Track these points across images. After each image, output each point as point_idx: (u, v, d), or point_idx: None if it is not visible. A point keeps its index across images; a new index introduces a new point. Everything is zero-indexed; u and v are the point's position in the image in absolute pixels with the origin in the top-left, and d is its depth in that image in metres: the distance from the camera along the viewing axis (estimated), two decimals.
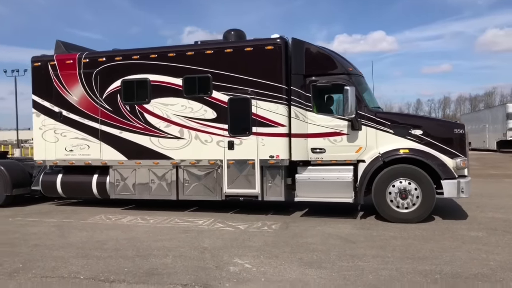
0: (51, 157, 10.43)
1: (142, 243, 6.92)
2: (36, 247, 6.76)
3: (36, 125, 10.56)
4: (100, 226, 8.39)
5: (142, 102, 9.73)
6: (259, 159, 8.95)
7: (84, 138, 10.16)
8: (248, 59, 9.04)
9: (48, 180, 10.66)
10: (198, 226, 8.25)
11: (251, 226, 8.15)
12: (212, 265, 5.69)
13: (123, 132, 9.87)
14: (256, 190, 8.99)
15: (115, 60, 9.92)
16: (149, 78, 9.65)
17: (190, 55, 9.41)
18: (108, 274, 5.37)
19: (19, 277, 5.29)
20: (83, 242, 7.08)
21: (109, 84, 9.95)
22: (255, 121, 8.96)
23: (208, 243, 6.86)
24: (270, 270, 5.48)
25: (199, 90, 9.35)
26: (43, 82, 10.43)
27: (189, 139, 9.43)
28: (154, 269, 5.56)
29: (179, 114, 9.48)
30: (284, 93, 8.85)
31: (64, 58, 10.32)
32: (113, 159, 9.96)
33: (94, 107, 10.06)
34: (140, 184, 9.82)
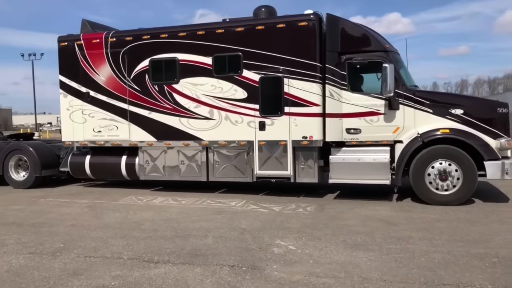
0: (79, 138, 10.37)
1: (179, 224, 6.81)
2: (73, 227, 6.70)
3: (63, 106, 10.48)
4: (132, 207, 8.32)
5: (171, 82, 9.54)
6: (291, 140, 8.73)
7: (112, 119, 10.05)
8: (280, 36, 8.74)
9: (77, 161, 10.62)
10: (231, 207, 8.12)
11: (285, 208, 7.99)
12: (254, 247, 5.55)
13: (152, 112, 9.72)
14: (288, 172, 8.80)
15: (142, 39, 9.71)
16: (177, 57, 9.43)
17: (220, 33, 9.15)
18: (151, 254, 5.27)
19: (62, 257, 5.22)
20: (119, 223, 7.00)
21: (136, 64, 9.76)
22: (288, 100, 8.71)
23: (245, 224, 6.72)
24: (316, 252, 5.31)
25: (229, 69, 9.11)
26: (70, 62, 10.30)
27: (219, 119, 9.24)
28: (197, 249, 5.44)
29: (209, 94, 9.27)
30: (318, 71, 8.56)
31: (90, 38, 10.15)
32: (142, 140, 9.85)
33: (122, 87, 9.91)
34: (170, 165, 9.71)
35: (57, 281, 4.44)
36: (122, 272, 4.67)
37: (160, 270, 4.74)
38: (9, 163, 11.01)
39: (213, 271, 4.68)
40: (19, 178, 11.05)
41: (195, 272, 4.67)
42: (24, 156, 10.92)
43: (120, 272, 4.67)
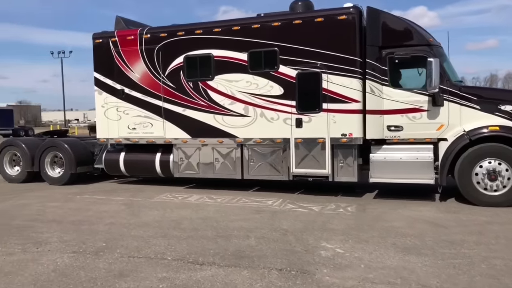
0: (114, 135, 10.38)
1: (218, 223, 6.68)
2: (112, 226, 6.66)
3: (98, 103, 10.51)
4: (169, 204, 8.25)
5: (205, 78, 9.42)
6: (329, 138, 8.47)
7: (147, 116, 10.01)
8: (318, 30, 8.48)
9: (111, 158, 10.65)
10: (268, 206, 7.95)
11: (324, 208, 7.76)
12: (300, 249, 5.36)
13: (186, 110, 9.63)
14: (326, 170, 8.55)
15: (177, 35, 9.61)
16: (212, 54, 9.29)
17: (255, 28, 8.95)
18: (195, 255, 5.14)
19: (106, 256, 5.15)
20: (157, 221, 6.92)
21: (171, 61, 9.68)
22: (326, 96, 8.45)
23: (286, 225, 6.53)
24: (366, 255, 5.07)
25: (265, 65, 8.92)
26: (105, 59, 10.31)
27: (254, 116, 9.07)
28: (241, 251, 5.29)
29: (244, 90, 9.11)
30: (358, 66, 8.27)
31: (125, 34, 10.13)
32: (176, 137, 9.78)
33: (156, 84, 9.86)
34: (204, 162, 9.61)
35: (104, 283, 4.35)
36: (168, 274, 4.56)
37: (206, 272, 4.61)
38: (45, 159, 11.14)
39: (261, 275, 4.51)
40: (55, 174, 11.18)
41: (243, 275, 4.51)
42: (59, 153, 11.02)
43: (166, 274, 4.56)
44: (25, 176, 11.45)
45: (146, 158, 10.29)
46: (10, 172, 11.70)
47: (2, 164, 11.70)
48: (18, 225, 6.82)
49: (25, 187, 10.83)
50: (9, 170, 11.73)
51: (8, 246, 5.68)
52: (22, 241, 5.88)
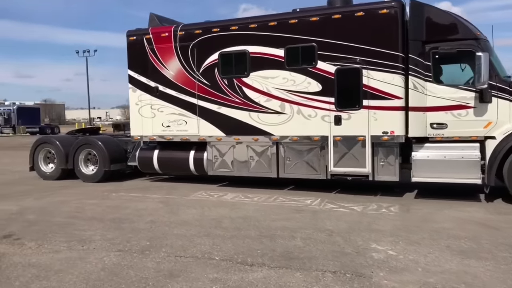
0: (148, 132, 10.37)
1: (260, 223, 6.54)
2: (153, 224, 6.60)
3: (132, 101, 10.51)
4: (206, 203, 8.15)
5: (240, 75, 9.29)
6: (370, 135, 8.23)
7: (181, 113, 9.95)
8: (358, 25, 8.24)
9: (145, 156, 10.65)
10: (308, 206, 7.76)
11: (366, 208, 7.53)
12: (350, 250, 5.17)
13: (221, 107, 9.52)
14: (366, 169, 8.31)
15: (212, 32, 9.51)
16: (248, 50, 9.15)
17: (293, 23, 8.77)
18: (243, 256, 5.01)
19: (152, 256, 5.07)
20: (197, 219, 6.83)
21: (206, 58, 9.59)
22: (366, 93, 8.21)
23: (330, 225, 6.34)
24: (421, 258, 4.85)
25: (303, 61, 8.72)
26: (139, 57, 10.30)
27: (291, 114, 8.89)
28: (289, 252, 5.13)
29: (280, 87, 8.94)
30: (400, 62, 8.00)
31: (159, 31, 10.09)
32: (211, 135, 9.69)
33: (191, 81, 9.78)
34: (238, 160, 9.48)
35: (156, 283, 4.26)
36: (219, 275, 4.44)
37: (258, 274, 4.47)
38: (79, 157, 11.22)
39: (315, 278, 4.34)
40: (88, 172, 11.24)
41: (296, 277, 4.36)
42: (93, 150, 11.08)
43: (217, 275, 4.44)
44: (59, 173, 11.56)
45: (179, 156, 10.24)
46: (45, 169, 11.83)
47: (37, 161, 11.84)
48: (59, 222, 6.84)
49: (60, 184, 10.93)
50: (44, 167, 11.86)
51: (53, 243, 5.67)
52: (66, 238, 5.87)
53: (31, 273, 4.59)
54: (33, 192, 9.69)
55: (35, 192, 9.75)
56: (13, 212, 7.63)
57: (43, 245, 5.59)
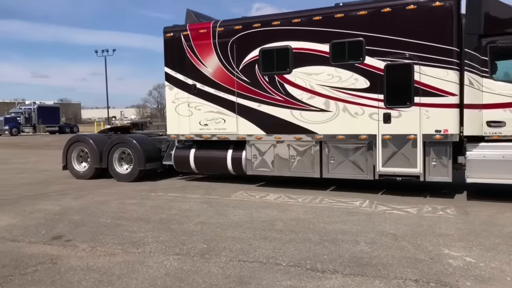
0: (185, 131, 10.16)
1: (315, 225, 6.25)
2: (203, 226, 6.35)
3: (169, 99, 10.31)
4: (250, 204, 7.89)
5: (282, 72, 9.00)
6: (421, 134, 7.86)
7: (219, 111, 9.71)
8: (410, 19, 7.87)
9: (181, 155, 10.44)
10: (358, 208, 7.44)
11: (420, 210, 7.18)
12: (423, 257, 4.84)
13: (261, 105, 9.25)
14: (417, 170, 7.94)
15: (252, 28, 9.24)
16: (291, 46, 8.86)
17: (339, 17, 8.44)
18: (311, 261, 4.73)
19: (214, 260, 4.82)
20: (248, 221, 6.57)
21: (246, 54, 9.32)
22: (418, 90, 7.84)
23: (391, 229, 6.01)
24: (506, 267, 4.50)
25: (349, 57, 8.39)
26: (176, 54, 10.09)
27: (336, 111, 8.57)
28: (358, 258, 4.83)
29: (325, 84, 8.62)
30: (455, 57, 7.62)
31: (197, 28, 9.86)
32: (250, 133, 9.42)
33: (230, 78, 9.53)
34: (279, 160, 9.20)
35: None
36: (292, 282, 4.16)
37: (333, 281, 4.18)
38: (113, 156, 11.07)
39: (397, 286, 4.03)
40: (123, 171, 11.08)
41: (376, 286, 4.05)
42: (128, 149, 10.92)
43: (291, 282, 4.16)
44: (92, 173, 11.43)
45: (217, 155, 10.01)
46: (78, 168, 11.71)
47: (70, 160, 11.74)
48: (106, 223, 6.64)
49: (95, 183, 10.79)
50: (77, 166, 11.75)
51: (106, 245, 5.47)
52: (118, 240, 5.67)
53: (93, 277, 4.37)
54: (70, 192, 9.55)
55: (72, 191, 9.61)
56: (56, 212, 7.48)
57: (96, 248, 5.39)
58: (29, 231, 6.19)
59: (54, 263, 4.83)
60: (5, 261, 4.92)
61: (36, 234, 6.05)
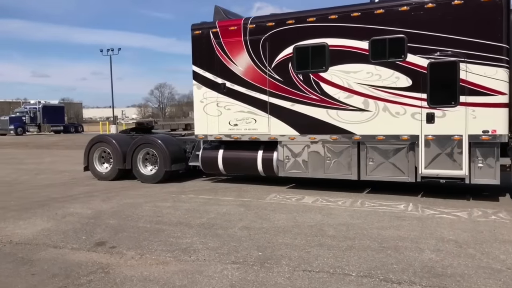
0: (213, 131, 9.86)
1: (368, 231, 5.94)
2: (249, 231, 6.05)
3: (197, 98, 10.01)
4: (289, 207, 7.59)
5: (318, 70, 8.70)
6: (467, 135, 7.56)
7: (250, 111, 9.41)
8: (456, 14, 7.56)
9: (209, 156, 10.14)
10: (404, 212, 7.12)
11: (470, 214, 6.87)
12: (499, 266, 4.54)
13: (295, 104, 8.95)
14: (462, 172, 7.64)
15: (286, 24, 8.93)
16: (327, 43, 8.55)
17: (379, 13, 8.13)
18: (381, 271, 4.43)
19: (276, 269, 4.52)
20: (294, 226, 6.27)
21: (279, 52, 9.02)
22: (464, 88, 7.54)
23: (449, 235, 5.71)
24: None
25: (390, 54, 8.08)
26: (204, 52, 9.79)
27: (376, 111, 8.27)
28: (430, 267, 4.53)
29: (363, 82, 8.32)
30: (504, 54, 7.31)
31: (227, 25, 9.55)
32: (283, 134, 9.12)
33: (261, 77, 9.23)
34: (313, 161, 8.90)
35: None
36: None
37: None
38: (138, 157, 10.78)
39: None
40: (147, 172, 10.78)
41: None
42: (153, 150, 10.62)
43: None
44: (115, 174, 11.14)
45: (246, 156, 9.70)
46: (100, 169, 11.42)
47: (92, 161, 11.45)
48: (146, 227, 6.35)
49: (119, 185, 10.49)
50: (99, 167, 11.46)
51: (155, 253, 5.18)
52: (166, 247, 5.37)
53: None
54: (96, 194, 9.26)
55: (98, 193, 9.32)
56: (89, 215, 7.19)
57: (145, 255, 5.10)
58: (69, 237, 5.90)
59: (107, 273, 4.54)
60: (54, 270, 4.63)
61: (76, 240, 5.77)
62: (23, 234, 6.09)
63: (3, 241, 5.82)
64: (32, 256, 5.14)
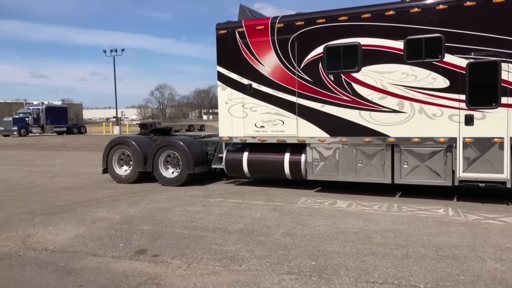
0: (238, 133, 9.61)
1: (418, 238, 5.69)
2: (292, 237, 5.81)
3: (221, 99, 9.77)
4: (324, 212, 7.34)
5: (350, 70, 8.46)
6: (510, 137, 7.32)
7: (277, 113, 9.17)
8: (498, 13, 7.33)
9: (233, 158, 9.89)
10: (447, 217, 6.87)
11: None
12: None
13: (325, 105, 8.71)
14: (504, 175, 7.40)
15: (316, 24, 8.70)
16: (360, 42, 8.32)
17: (415, 12, 7.90)
18: (450, 283, 4.18)
19: (337, 280, 4.28)
20: (338, 233, 6.02)
21: (308, 52, 8.79)
22: (506, 89, 7.30)
23: (504, 242, 5.47)
24: None
25: (426, 54, 7.85)
26: (230, 52, 9.55)
27: (411, 112, 8.03)
28: (500, 278, 4.29)
29: (398, 83, 8.08)
30: None
31: (253, 24, 9.32)
32: (312, 136, 8.88)
33: (290, 78, 8.99)
34: (344, 164, 8.65)
35: None
36: None
37: None
38: (159, 159, 10.53)
39: None
40: (169, 175, 10.54)
41: None
42: (175, 152, 10.37)
43: None
44: (136, 176, 10.89)
45: (273, 159, 9.46)
46: (119, 172, 11.17)
47: (111, 163, 11.20)
48: (183, 234, 6.10)
49: (141, 188, 10.25)
50: (118, 170, 11.21)
51: (202, 262, 4.94)
52: (211, 255, 5.13)
53: None
54: (120, 197, 9.02)
55: (122, 197, 9.08)
56: (119, 221, 6.95)
57: (192, 264, 4.86)
58: (105, 244, 5.66)
59: (158, 284, 4.30)
60: (101, 281, 4.39)
61: (114, 247, 5.52)
62: (56, 241, 5.85)
63: (37, 248, 5.58)
64: (74, 265, 4.90)
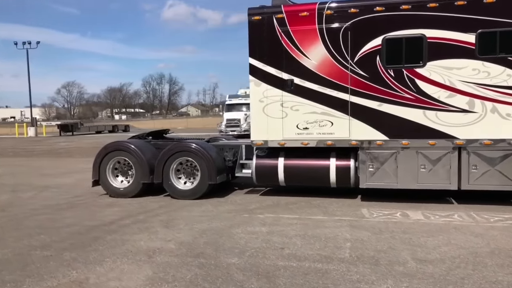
0: (276, 136, 8.28)
1: None
2: (419, 263, 4.72)
3: (254, 97, 8.35)
4: (416, 227, 6.34)
5: (413, 65, 7.59)
6: None
7: (325, 112, 8.01)
8: None
9: (266, 165, 8.52)
10: None
11: None
12: None
13: (383, 104, 7.74)
14: None
15: (374, 12, 7.70)
16: (425, 35, 7.48)
17: (489, 3, 7.23)
18: None
19: None
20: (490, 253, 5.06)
21: (364, 43, 7.76)
22: None
23: None
24: None
25: (501, 49, 7.23)
26: (265, 42, 8.18)
27: (482, 112, 7.36)
28: None
29: (468, 80, 7.38)
30: None
31: (296, 10, 8.06)
32: (368, 138, 7.85)
33: (341, 73, 7.89)
34: (404, 170, 7.74)
35: None
36: None
37: None
38: (171, 167, 8.80)
39: None
40: (183, 186, 8.83)
41: None
42: (192, 159, 8.69)
43: None
44: (139, 189, 8.99)
45: (316, 165, 8.28)
46: (116, 184, 9.18)
47: (105, 174, 9.18)
48: (293, 266, 4.73)
49: (152, 203, 8.43)
50: (114, 182, 9.23)
51: None
52: None
53: None
54: (141, 217, 7.24)
55: (142, 216, 7.31)
56: (183, 252, 5.33)
57: None
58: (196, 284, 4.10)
59: None
60: None
61: None
62: None
63: None
64: None
